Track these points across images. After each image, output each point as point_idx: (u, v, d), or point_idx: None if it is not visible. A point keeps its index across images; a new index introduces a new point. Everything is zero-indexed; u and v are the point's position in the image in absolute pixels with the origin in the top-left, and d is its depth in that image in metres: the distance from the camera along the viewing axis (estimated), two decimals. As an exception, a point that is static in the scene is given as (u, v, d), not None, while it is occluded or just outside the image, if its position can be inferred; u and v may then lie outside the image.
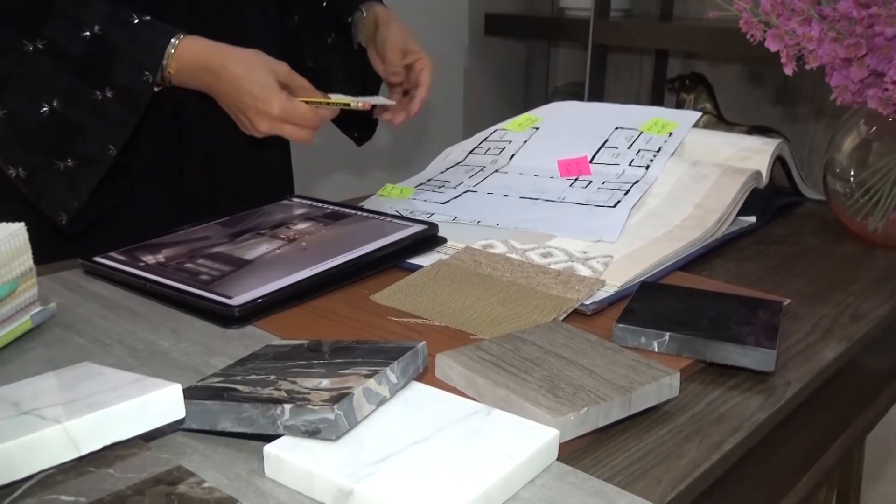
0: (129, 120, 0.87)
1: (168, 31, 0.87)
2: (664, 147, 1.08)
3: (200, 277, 0.77)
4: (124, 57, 0.85)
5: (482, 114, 2.42)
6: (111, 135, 0.87)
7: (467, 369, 0.60)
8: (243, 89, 0.87)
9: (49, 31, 0.85)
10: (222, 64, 0.87)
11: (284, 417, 0.51)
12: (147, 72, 0.86)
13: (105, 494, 0.46)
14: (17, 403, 0.52)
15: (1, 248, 0.65)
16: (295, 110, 0.88)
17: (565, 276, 0.80)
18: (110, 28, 0.85)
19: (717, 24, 1.94)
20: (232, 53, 0.88)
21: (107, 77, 0.86)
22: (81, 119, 0.86)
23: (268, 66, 0.88)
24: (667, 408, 0.61)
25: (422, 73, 1.08)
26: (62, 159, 0.87)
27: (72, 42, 0.85)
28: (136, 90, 0.86)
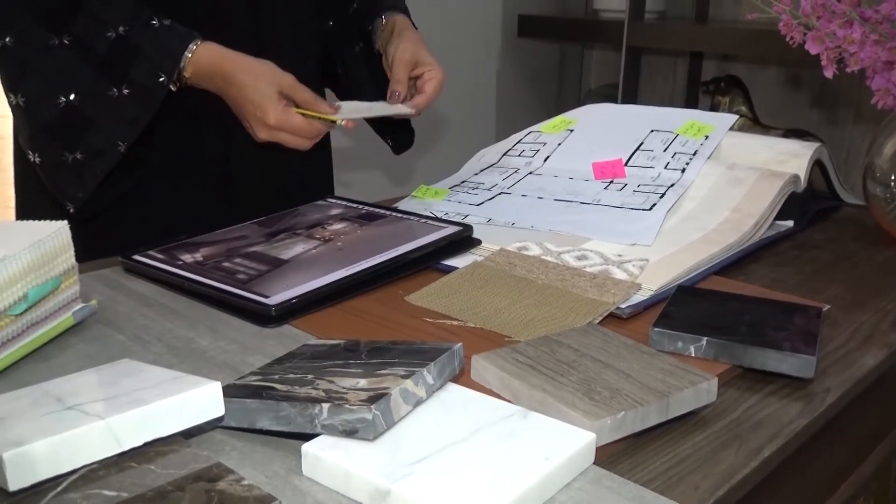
0: (142, 118, 0.91)
1: (187, 37, 0.91)
2: (700, 150, 1.07)
3: (237, 276, 0.78)
4: (144, 58, 0.89)
5: (515, 116, 2.42)
6: (122, 131, 0.91)
7: (503, 371, 0.60)
8: (246, 97, 0.91)
9: (76, 29, 0.88)
10: (231, 72, 0.91)
11: (322, 417, 0.51)
12: (163, 74, 0.90)
13: (146, 490, 0.46)
14: (60, 399, 0.53)
15: (44, 246, 0.66)
16: (289, 121, 0.92)
17: (601, 279, 0.79)
18: (133, 29, 0.89)
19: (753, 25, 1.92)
20: (241, 62, 0.92)
21: (125, 75, 0.89)
22: (95, 113, 0.90)
23: (273, 77, 0.92)
24: (704, 413, 0.60)
25: (427, 83, 1.07)
26: (72, 151, 0.91)
27: (97, 40, 0.89)
28: (151, 90, 0.90)
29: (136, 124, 0.91)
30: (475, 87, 2.36)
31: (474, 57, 2.33)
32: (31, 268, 0.64)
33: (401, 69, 1.06)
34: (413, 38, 1.09)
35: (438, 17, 2.22)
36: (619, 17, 2.13)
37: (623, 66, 2.07)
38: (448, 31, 2.25)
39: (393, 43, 1.09)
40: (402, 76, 1.06)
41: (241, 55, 0.93)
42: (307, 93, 0.94)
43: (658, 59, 2.36)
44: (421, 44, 1.09)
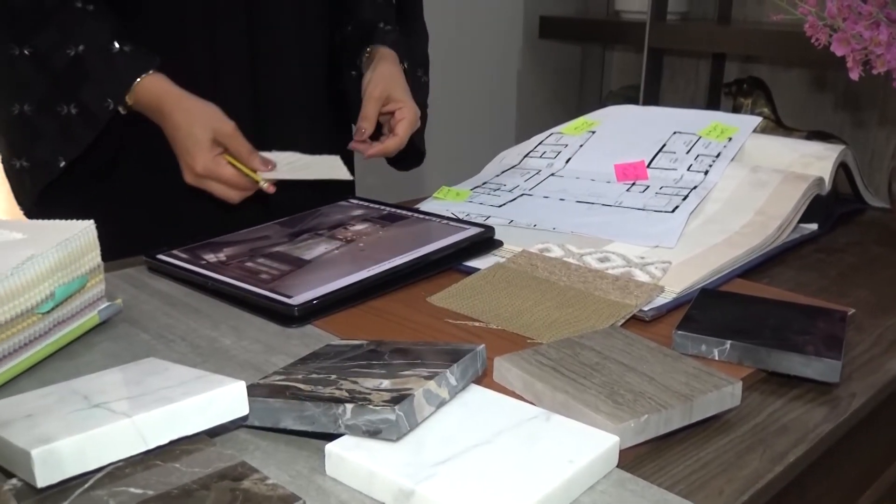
0: (84, 138, 0.91)
1: (141, 67, 0.90)
2: (723, 152, 1.07)
3: (261, 276, 0.79)
4: (94, 81, 0.89)
5: (535, 117, 2.41)
6: (64, 147, 0.91)
7: (526, 373, 0.60)
8: (177, 139, 0.90)
9: (39, 41, 0.89)
10: (168, 111, 0.89)
11: (346, 417, 0.51)
12: (110, 99, 0.89)
13: (171, 488, 0.47)
14: (87, 396, 0.53)
15: (70, 245, 0.67)
16: (217, 172, 0.89)
17: (623, 281, 0.79)
18: (91, 51, 0.89)
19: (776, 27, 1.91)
20: (180, 102, 0.90)
21: (75, 95, 0.89)
22: (44, 126, 0.91)
23: (209, 122, 0.89)
24: (728, 417, 0.60)
25: (399, 124, 1.01)
26: (19, 158, 0.93)
27: (56, 55, 0.89)
28: (96, 113, 0.90)
29: (79, 143, 0.91)
30: (496, 89, 2.36)
31: (495, 58, 2.33)
32: (58, 266, 0.65)
33: (370, 106, 1.00)
34: (387, 72, 1.03)
35: (460, 18, 2.22)
36: (640, 18, 2.12)
37: (645, 67, 2.07)
38: (469, 32, 2.25)
39: (367, 76, 1.03)
40: (370, 113, 1.00)
41: (186, 95, 0.90)
42: (242, 145, 0.90)
43: (680, 61, 2.35)
44: (395, 78, 1.03)
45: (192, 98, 0.90)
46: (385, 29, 1.09)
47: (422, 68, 1.16)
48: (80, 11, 0.90)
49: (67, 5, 0.89)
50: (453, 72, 2.25)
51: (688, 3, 2.22)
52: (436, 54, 2.17)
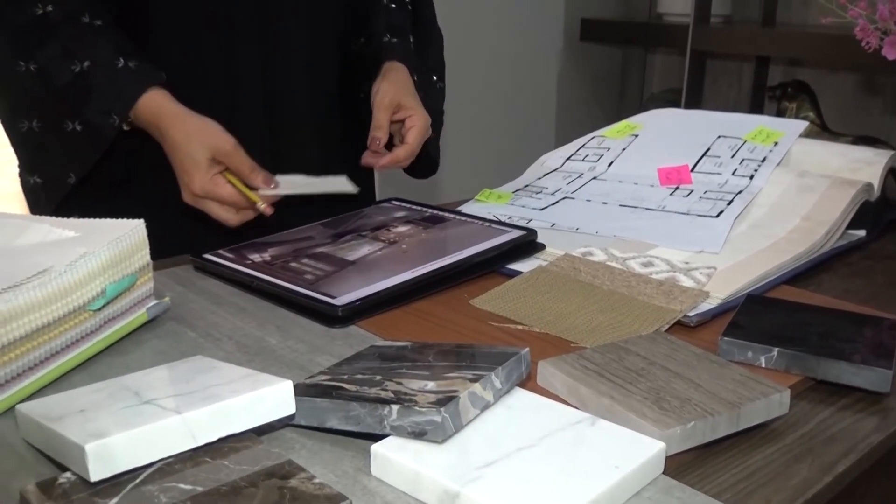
0: (90, 154, 0.90)
1: (145, 81, 0.87)
2: (769, 157, 1.05)
3: (305, 277, 0.79)
4: (98, 96, 0.87)
5: (575, 120, 2.41)
6: (71, 164, 0.91)
7: (570, 377, 0.60)
8: (174, 158, 0.87)
9: (42, 57, 0.87)
10: (166, 127, 0.87)
11: (392, 418, 0.52)
12: (115, 115, 0.87)
13: (220, 485, 0.47)
14: (138, 393, 0.54)
15: (121, 243, 0.68)
16: (215, 192, 0.86)
17: (667, 286, 0.79)
18: (95, 67, 0.87)
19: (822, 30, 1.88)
20: (177, 120, 0.87)
21: (79, 111, 0.88)
22: (50, 143, 0.90)
23: (207, 141, 0.86)
24: (775, 425, 0.59)
25: (409, 132, 0.99)
26: (31, 174, 0.93)
27: (59, 72, 0.87)
28: (101, 129, 0.88)
29: (85, 161, 0.90)
30: (536, 91, 2.36)
31: (535, 60, 2.33)
32: (109, 264, 0.66)
33: (381, 114, 0.98)
34: (396, 81, 1.01)
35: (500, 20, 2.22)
36: (683, 21, 2.11)
37: (687, 70, 2.05)
38: (510, 35, 2.25)
39: (376, 84, 1.01)
40: (382, 121, 0.98)
41: (184, 111, 0.87)
42: (243, 161, 0.86)
43: (723, 64, 2.33)
44: (404, 86, 1.01)
45: (190, 115, 0.87)
46: (391, 42, 1.06)
47: (437, 74, 1.14)
48: (87, 27, 0.88)
49: (73, 20, 0.88)
50: (493, 74, 2.26)
51: (731, 5, 2.20)
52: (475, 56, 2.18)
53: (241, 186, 0.87)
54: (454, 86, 2.04)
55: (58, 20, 0.87)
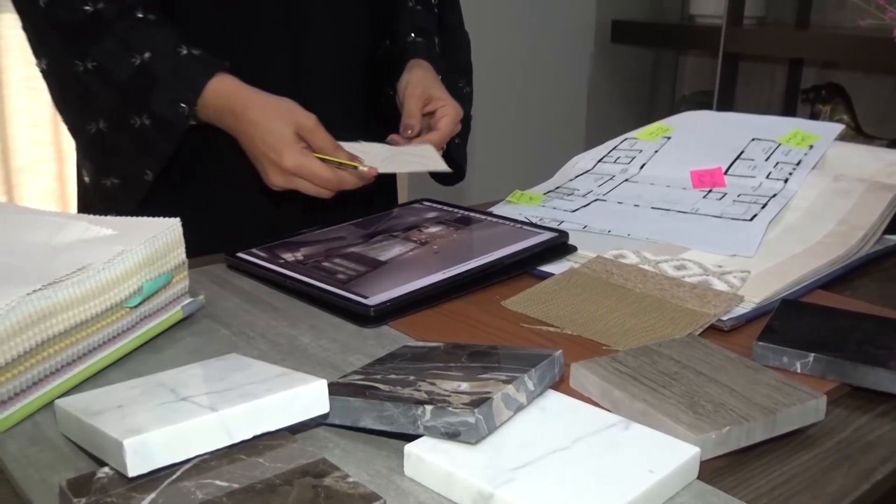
0: (165, 149, 0.87)
1: (211, 67, 0.86)
2: (804, 160, 1.04)
3: (337, 276, 0.80)
4: (164, 86, 0.85)
5: (605, 122, 2.40)
6: (146, 161, 0.88)
7: (603, 380, 0.60)
8: (257, 137, 0.84)
9: (99, 52, 0.86)
10: (242, 109, 0.84)
11: (425, 418, 0.52)
12: (183, 104, 0.85)
13: (255, 482, 0.47)
14: (174, 389, 0.55)
15: (158, 241, 0.69)
16: (307, 166, 0.82)
17: (701, 289, 0.78)
18: (157, 57, 0.85)
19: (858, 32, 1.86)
20: (255, 99, 0.85)
21: (146, 105, 0.86)
22: (121, 142, 0.88)
23: (289, 116, 0.84)
24: (811, 432, 0.58)
25: (441, 120, 0.98)
26: (107, 176, 0.91)
27: (118, 66, 0.86)
28: (171, 120, 0.86)
29: (160, 155, 0.88)
30: (566, 93, 2.35)
31: (566, 62, 2.32)
32: (146, 262, 0.67)
33: (413, 103, 0.98)
34: (423, 73, 1.01)
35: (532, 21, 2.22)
36: (716, 23, 2.09)
37: (719, 72, 2.03)
38: (541, 36, 2.24)
39: (403, 78, 1.01)
40: (414, 110, 0.98)
41: (259, 91, 0.85)
42: (325, 139, 0.84)
43: (755, 66, 2.31)
44: (433, 79, 1.01)
45: (265, 94, 0.85)
46: (416, 41, 1.06)
47: (464, 79, 1.13)
48: (141, 21, 0.87)
49: (127, 15, 0.87)
50: (524, 75, 2.25)
51: (765, 7, 2.18)
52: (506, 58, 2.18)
53: (332, 158, 0.84)
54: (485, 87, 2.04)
55: (111, 16, 0.86)
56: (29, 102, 1.82)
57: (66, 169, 1.87)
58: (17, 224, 0.72)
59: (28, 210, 0.78)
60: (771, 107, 2.28)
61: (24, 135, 1.82)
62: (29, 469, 0.52)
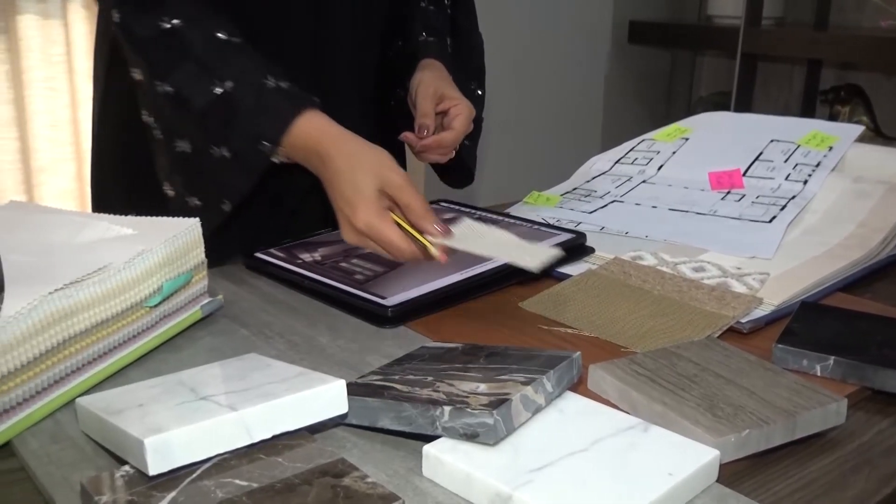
0: (243, 185, 0.82)
1: (299, 104, 0.79)
2: (824, 161, 1.04)
3: (355, 277, 0.80)
4: (246, 120, 0.79)
5: (622, 123, 2.39)
6: (223, 191, 0.83)
7: (622, 382, 0.59)
8: (338, 187, 0.75)
9: (176, 79, 0.81)
10: (329, 154, 0.77)
11: (444, 419, 0.52)
12: (265, 141, 0.79)
13: (275, 481, 0.48)
14: (193, 389, 0.55)
15: (177, 241, 0.69)
16: (379, 229, 0.72)
17: (719, 291, 0.78)
18: (241, 87, 0.79)
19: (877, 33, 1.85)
20: (344, 145, 0.77)
21: (224, 137, 0.81)
22: (202, 165, 0.84)
23: (375, 169, 0.74)
24: (831, 435, 0.58)
25: (455, 119, 0.95)
26: (191, 195, 0.86)
27: (198, 94, 0.80)
28: (252, 158, 0.80)
29: (237, 190, 0.82)
30: (583, 93, 2.35)
31: (583, 62, 2.32)
32: (166, 262, 0.67)
33: (426, 102, 0.95)
34: (435, 73, 0.99)
35: (548, 21, 2.22)
36: (734, 24, 2.08)
37: (737, 73, 2.02)
38: (558, 37, 2.24)
39: (416, 77, 0.99)
40: (428, 109, 0.95)
41: (350, 136, 0.78)
42: (415, 198, 0.74)
43: (773, 67, 2.29)
44: (445, 78, 0.99)
45: (357, 140, 0.77)
46: (428, 41, 1.05)
47: (475, 81, 1.12)
48: (224, 43, 0.81)
49: (207, 36, 0.81)
50: (540, 75, 2.25)
51: (783, 7, 2.17)
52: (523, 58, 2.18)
53: (408, 228, 0.74)
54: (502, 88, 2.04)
55: (190, 37, 0.81)
56: (49, 103, 1.83)
57: (85, 169, 1.88)
58: (40, 223, 0.72)
59: (50, 210, 0.78)
60: (789, 108, 2.26)
61: (44, 135, 1.84)
62: (50, 467, 0.52)
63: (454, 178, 1.09)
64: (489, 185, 2.06)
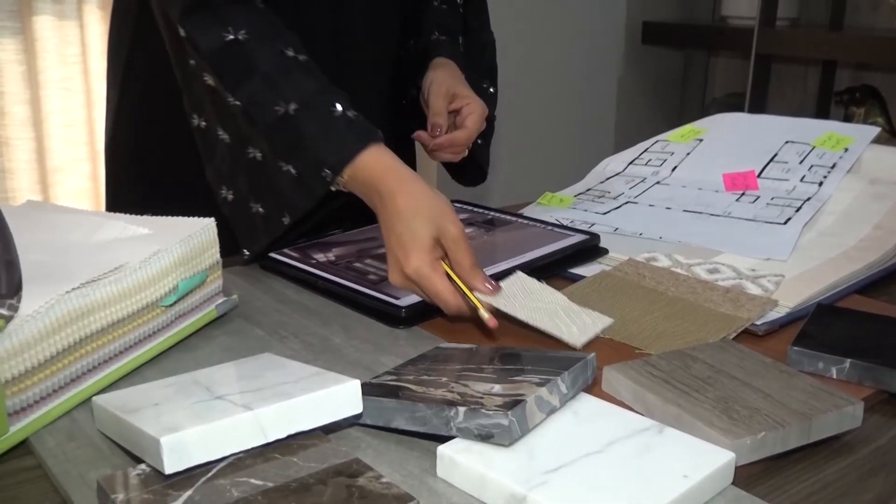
0: (303, 204, 0.81)
1: (366, 137, 0.78)
2: (839, 163, 1.03)
3: (368, 277, 0.80)
4: (311, 145, 0.78)
5: (635, 124, 2.38)
6: (286, 205, 0.83)
7: (636, 384, 0.59)
8: (394, 229, 0.74)
9: (243, 94, 0.80)
10: (390, 193, 0.75)
11: (458, 420, 0.52)
12: (327, 169, 0.78)
13: (290, 481, 0.48)
14: (209, 388, 0.55)
15: (193, 241, 0.69)
16: (428, 279, 0.71)
17: (734, 293, 0.77)
18: (305, 111, 0.79)
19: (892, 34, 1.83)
20: (406, 187, 0.75)
21: (289, 156, 0.80)
22: (271, 177, 0.83)
23: (435, 217, 0.73)
24: (847, 438, 0.58)
25: (468, 118, 0.95)
26: (256, 202, 0.85)
27: (263, 112, 0.80)
28: (312, 182, 0.79)
29: (299, 207, 0.82)
30: (596, 94, 2.34)
31: (595, 63, 2.31)
32: (181, 261, 0.68)
33: (439, 101, 0.96)
34: (448, 71, 1.00)
35: (561, 22, 2.21)
36: (748, 24, 2.07)
37: (751, 74, 2.02)
38: (571, 37, 2.24)
39: (428, 76, 1.00)
40: (441, 108, 0.96)
41: (414, 175, 0.76)
42: (466, 255, 0.72)
43: (788, 68, 2.28)
44: (457, 76, 1.00)
45: (420, 182, 0.75)
46: (440, 39, 1.05)
47: (488, 80, 1.12)
48: (291, 61, 0.81)
49: (273, 52, 0.81)
50: (554, 76, 2.25)
51: (798, 8, 2.16)
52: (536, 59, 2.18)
53: (459, 282, 0.72)
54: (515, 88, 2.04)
55: (257, 52, 0.80)
56: (64, 103, 1.84)
57: (100, 169, 1.90)
58: (56, 223, 0.73)
59: (66, 209, 0.79)
60: (804, 109, 2.25)
61: (59, 135, 1.85)
62: (67, 465, 0.52)
63: (467, 177, 1.10)
64: (503, 186, 2.06)
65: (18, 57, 1.75)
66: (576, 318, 0.72)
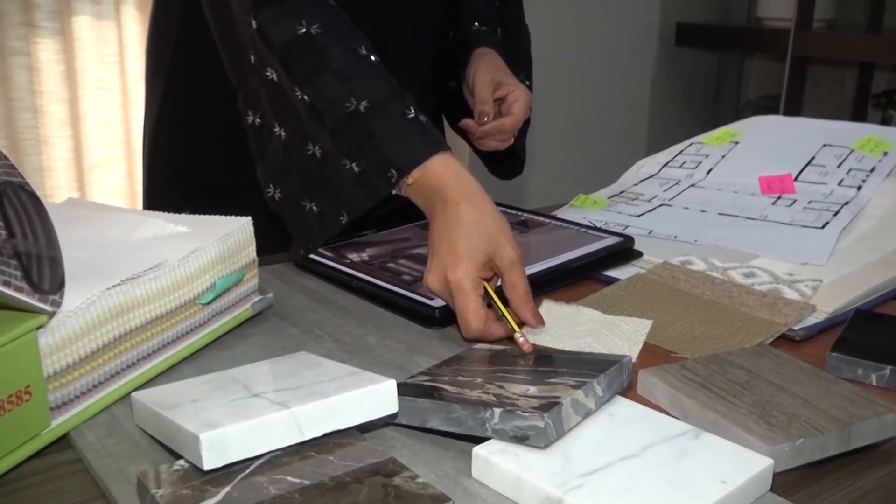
0: (365, 203, 0.81)
1: (437, 143, 0.77)
2: (878, 167, 1.02)
3: (402, 277, 0.80)
4: (381, 145, 0.77)
5: (668, 126, 2.37)
6: (345, 204, 0.82)
7: (672, 388, 0.59)
8: (450, 235, 0.72)
9: (314, 88, 0.79)
10: (456, 199, 0.73)
11: (494, 421, 0.52)
12: (394, 170, 0.77)
13: (326, 479, 0.48)
14: (246, 385, 0.56)
15: (230, 240, 0.70)
16: (466, 294, 0.69)
17: (771, 298, 0.77)
18: (376, 111, 0.78)
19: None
20: (475, 199, 0.73)
21: (354, 156, 0.79)
22: (330, 174, 0.82)
23: (493, 234, 0.71)
24: (887, 447, 0.57)
25: (514, 105, 0.97)
26: (310, 200, 0.85)
27: (333, 108, 0.79)
28: (376, 181, 0.78)
29: (358, 207, 0.81)
30: (629, 96, 2.33)
31: (629, 64, 2.30)
32: (219, 260, 0.68)
33: (485, 89, 0.97)
34: (492, 61, 1.02)
35: (595, 23, 2.20)
36: (784, 26, 2.05)
37: (787, 76, 1.99)
38: (605, 39, 2.23)
39: (472, 65, 1.01)
40: (487, 96, 0.97)
41: (482, 191, 0.75)
42: (520, 282, 0.71)
43: (824, 70, 2.25)
44: (500, 65, 1.01)
45: (487, 198, 0.74)
46: (480, 30, 1.06)
47: (524, 73, 1.13)
48: (364, 60, 0.81)
49: (346, 49, 0.80)
50: (587, 77, 2.24)
51: (835, 9, 2.13)
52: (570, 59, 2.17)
53: (499, 303, 0.70)
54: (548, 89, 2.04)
55: (329, 48, 0.80)
56: (101, 102, 1.87)
57: (136, 167, 1.92)
58: (97, 220, 0.74)
59: (107, 207, 0.80)
60: (840, 112, 2.23)
61: (96, 133, 1.88)
62: (107, 459, 0.53)
63: (506, 169, 1.10)
64: (536, 188, 2.06)
65: (58, 56, 1.78)
66: (617, 330, 0.71)
